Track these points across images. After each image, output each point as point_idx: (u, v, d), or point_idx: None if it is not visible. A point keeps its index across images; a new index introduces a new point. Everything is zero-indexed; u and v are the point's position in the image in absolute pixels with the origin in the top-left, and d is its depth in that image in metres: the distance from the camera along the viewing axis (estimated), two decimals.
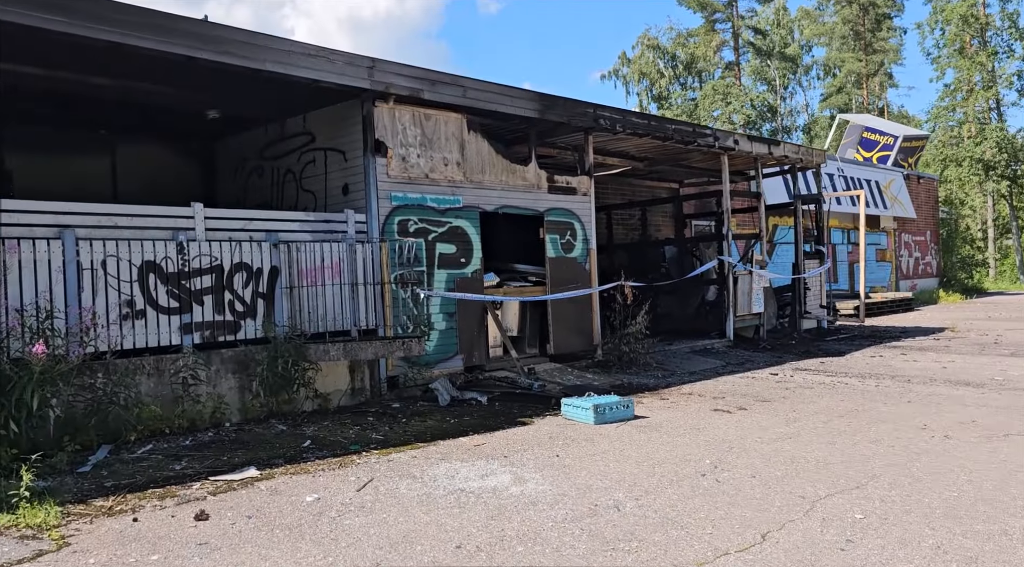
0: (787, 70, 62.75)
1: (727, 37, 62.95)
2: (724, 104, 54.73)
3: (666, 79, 58.56)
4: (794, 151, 14.84)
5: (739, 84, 59.80)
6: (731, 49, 63.02)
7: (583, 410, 7.35)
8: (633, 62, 58.99)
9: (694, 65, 60.35)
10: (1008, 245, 46.29)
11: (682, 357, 11.62)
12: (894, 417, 7.23)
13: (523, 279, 10.64)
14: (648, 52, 59.03)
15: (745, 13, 62.68)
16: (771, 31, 61.13)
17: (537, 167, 10.22)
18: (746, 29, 62.03)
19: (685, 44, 60.93)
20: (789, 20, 61.90)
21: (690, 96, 59.59)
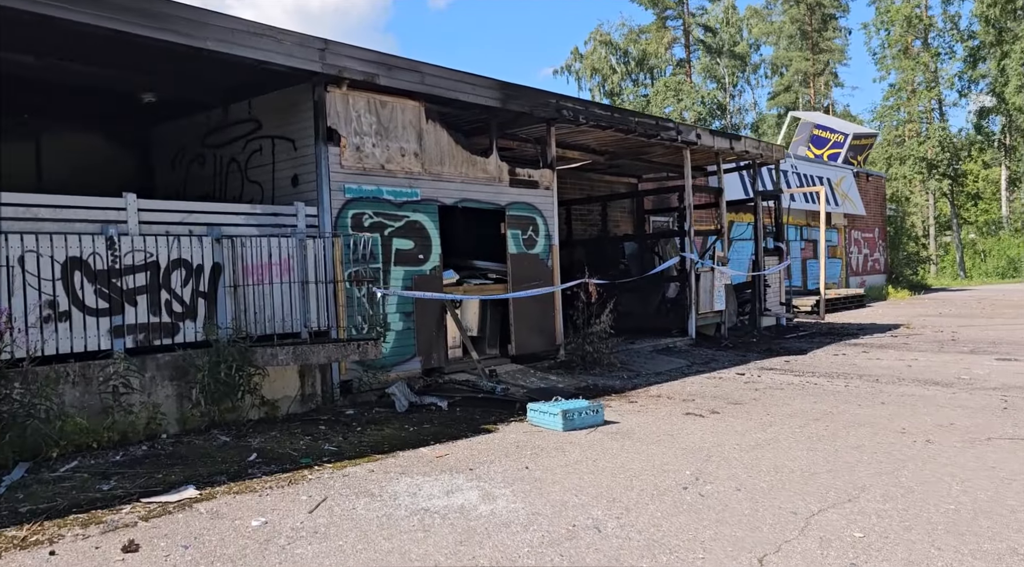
0: (736, 68, 63.49)
1: (678, 34, 63.39)
2: (676, 101, 55.03)
3: (618, 75, 58.64)
4: (754, 146, 14.69)
5: (690, 81, 60.27)
6: (682, 46, 63.50)
7: (551, 416, 6.94)
8: (585, 58, 58.92)
9: (646, 62, 60.59)
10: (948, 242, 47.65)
11: (646, 356, 11.32)
12: (871, 420, 7.00)
13: (483, 276, 10.18)
14: (600, 48, 59.04)
15: (696, 11, 63.19)
16: (721, 29, 61.76)
17: (499, 159, 9.77)
18: (697, 27, 62.55)
19: (637, 40, 61.14)
20: (738, 19, 62.60)
21: (642, 92, 59.80)
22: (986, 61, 44.07)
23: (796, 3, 60.66)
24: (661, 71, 61.88)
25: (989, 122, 46.19)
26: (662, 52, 60.95)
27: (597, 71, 57.91)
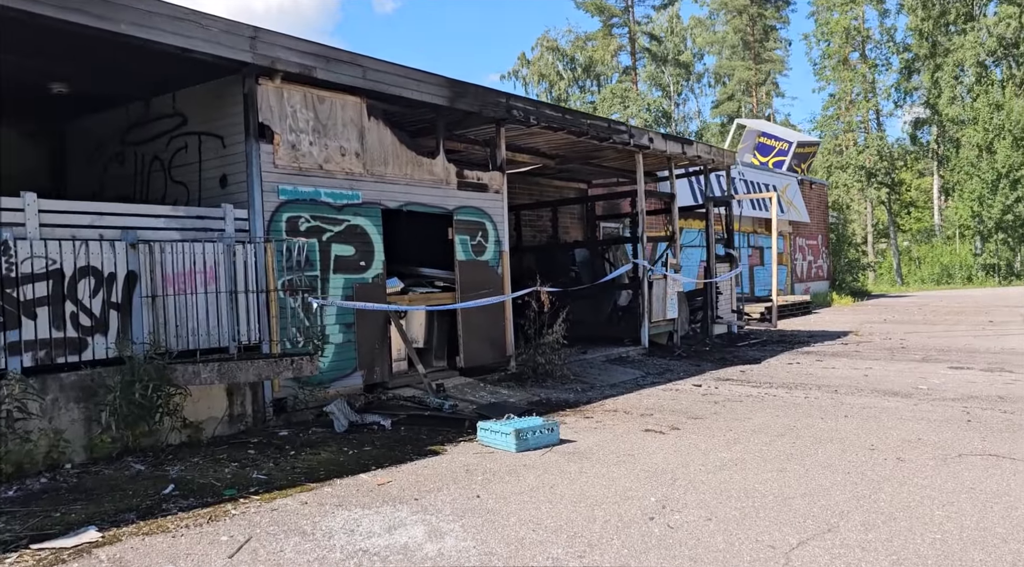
0: (681, 77, 64.25)
1: (624, 42, 63.87)
2: (622, 108, 55.32)
3: (565, 81, 58.68)
4: (706, 151, 14.49)
5: (636, 89, 60.73)
6: (628, 54, 63.98)
7: (503, 436, 6.44)
8: (532, 63, 58.81)
9: (592, 68, 60.83)
10: (884, 249, 48.90)
11: (599, 367, 10.91)
12: (837, 436, 6.70)
13: (430, 285, 9.63)
14: (547, 54, 59.02)
15: (641, 19, 63.79)
16: (666, 38, 62.41)
17: (446, 161, 9.24)
18: (642, 35, 63.12)
19: (584, 47, 61.36)
20: (682, 28, 63.37)
21: (589, 99, 59.98)
22: (920, 73, 45.42)
23: (738, 14, 61.78)
24: (607, 78, 62.24)
25: (923, 132, 47.62)
26: (608, 59, 61.30)
27: (544, 77, 57.84)
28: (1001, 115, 37.33)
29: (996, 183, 36.71)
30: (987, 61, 42.77)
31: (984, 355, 11.68)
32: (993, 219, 36.95)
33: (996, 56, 42.43)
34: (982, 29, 42.28)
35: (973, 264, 40.52)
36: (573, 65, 59.51)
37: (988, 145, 37.22)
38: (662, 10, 62.86)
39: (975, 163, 37.80)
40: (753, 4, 61.38)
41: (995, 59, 42.80)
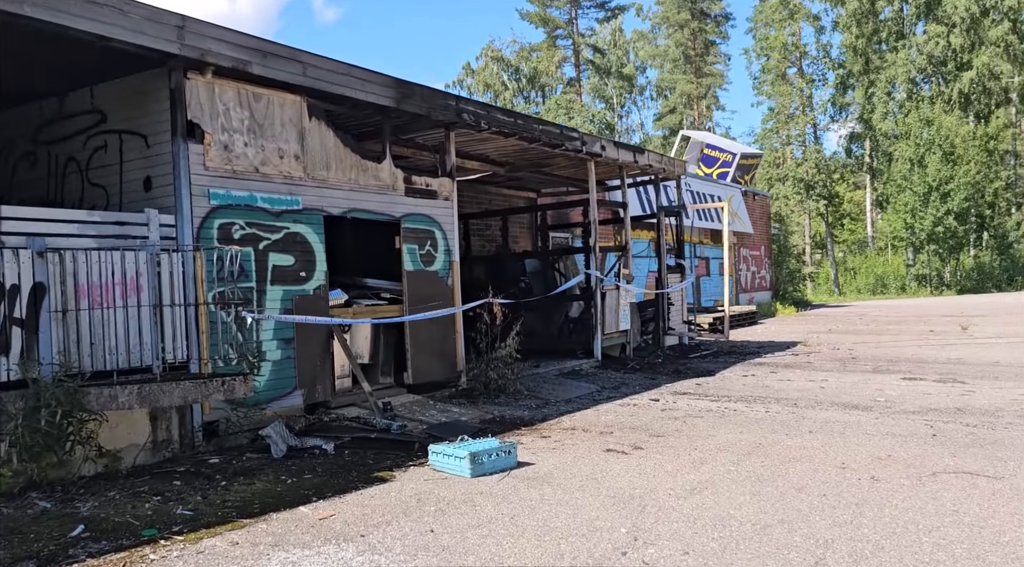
0: (624, 89, 64.91)
1: (568, 54, 64.27)
2: (567, 118, 55.46)
3: (510, 91, 58.58)
4: (657, 160, 14.31)
5: (580, 100, 61.06)
6: (572, 65, 64.38)
7: (456, 460, 5.96)
8: (477, 73, 58.58)
9: (537, 79, 60.92)
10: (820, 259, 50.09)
11: (552, 382, 10.51)
12: (806, 453, 6.42)
13: (376, 296, 9.09)
14: (492, 64, 58.88)
15: (585, 31, 64.33)
16: (609, 51, 62.99)
17: (393, 165, 8.74)
18: (586, 47, 63.59)
19: (528, 58, 61.46)
20: (625, 41, 64.08)
21: (534, 110, 59.99)
22: (854, 89, 46.78)
23: (680, 28, 62.81)
24: (552, 89, 62.42)
25: (857, 146, 49.04)
26: (553, 70, 61.54)
27: (489, 87, 57.63)
28: (931, 130, 38.62)
29: (927, 196, 37.90)
30: (917, 78, 44.31)
31: (933, 365, 11.71)
32: (925, 231, 38.12)
33: (926, 73, 43.99)
34: (912, 47, 43.80)
35: (906, 275, 41.75)
36: (518, 75, 59.49)
37: (919, 159, 38.43)
38: (605, 23, 63.53)
39: (907, 176, 38.98)
40: (694, 19, 62.52)
41: (925, 76, 44.37)
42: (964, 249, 41.64)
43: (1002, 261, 42.06)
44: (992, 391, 9.21)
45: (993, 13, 42.20)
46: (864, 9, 44.66)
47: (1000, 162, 44.39)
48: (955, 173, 37.49)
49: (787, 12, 48.80)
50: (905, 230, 39.29)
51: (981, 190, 40.07)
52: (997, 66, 41.70)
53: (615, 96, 64.83)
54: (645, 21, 66.84)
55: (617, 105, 65.56)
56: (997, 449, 6.36)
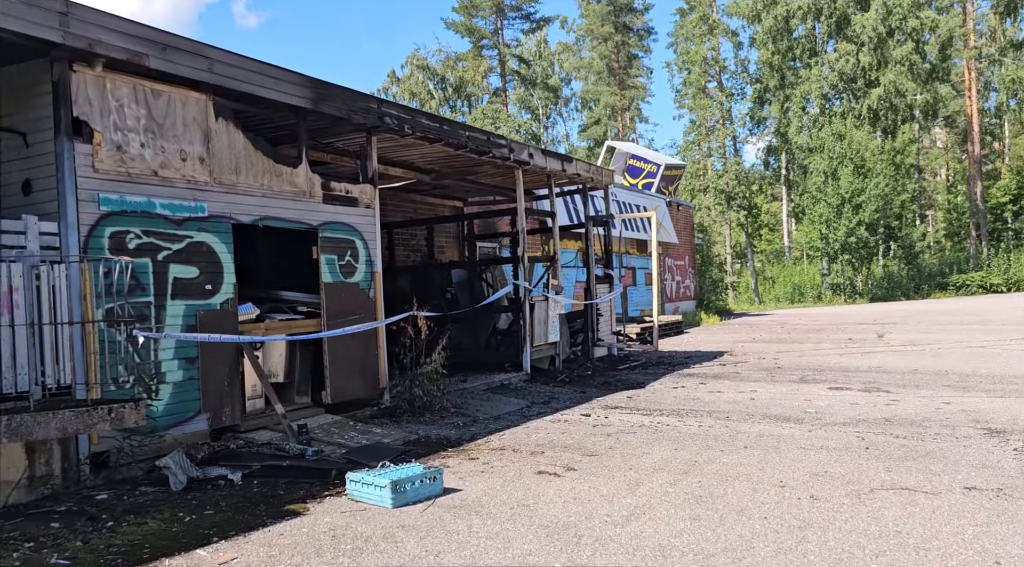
0: (549, 100, 65.33)
1: (494, 64, 64.31)
2: (493, 128, 55.36)
3: (436, 101, 58.07)
4: (585, 169, 14.14)
5: (506, 111, 61.12)
6: (498, 75, 64.44)
7: (377, 489, 5.48)
8: (403, 82, 57.92)
9: (463, 89, 60.64)
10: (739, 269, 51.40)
11: (480, 397, 10.10)
12: (743, 471, 6.21)
13: (292, 310, 8.50)
14: (418, 72, 58.30)
15: (511, 42, 64.49)
16: (534, 62, 63.29)
17: (309, 170, 8.19)
18: (511, 58, 63.75)
19: (454, 67, 61.18)
20: (550, 53, 64.53)
21: (460, 119, 59.67)
22: (771, 103, 48.27)
23: (603, 41, 63.69)
24: (478, 99, 62.27)
25: (774, 159, 50.60)
26: (479, 80, 61.39)
27: (415, 95, 57.00)
28: (843, 144, 40.11)
29: (840, 208, 39.29)
30: (829, 94, 46.05)
31: (856, 374, 11.85)
32: (838, 241, 39.49)
33: (837, 89, 45.76)
34: (824, 64, 45.51)
35: (821, 283, 43.17)
36: (444, 85, 59.07)
37: (833, 172, 39.84)
38: (531, 34, 63.85)
39: (821, 189, 40.34)
40: (617, 32, 63.52)
41: (836, 92, 46.16)
42: (874, 259, 43.37)
43: (909, 270, 44.00)
44: (916, 400, 9.30)
45: (898, 33, 44.26)
46: (779, 27, 46.17)
47: (906, 175, 46.54)
48: (866, 185, 39.01)
49: (707, 27, 50.06)
50: (820, 240, 40.62)
51: (889, 202, 41.83)
52: (902, 84, 43.70)
53: (541, 107, 65.17)
54: (570, 33, 67.51)
55: (543, 116, 65.92)
56: (930, 462, 6.29)
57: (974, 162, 46.08)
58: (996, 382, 10.48)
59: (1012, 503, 5.13)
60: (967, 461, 6.29)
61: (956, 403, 8.98)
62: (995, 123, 54.11)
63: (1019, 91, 47.75)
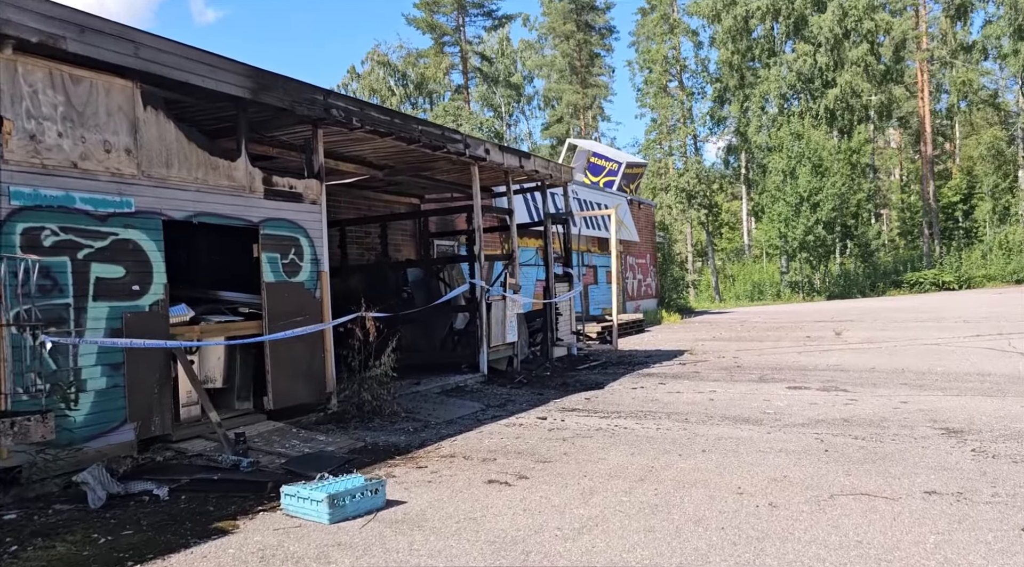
0: (512, 98, 65.13)
1: (456, 61, 63.86)
2: (455, 126, 54.93)
3: (397, 97, 57.45)
4: (544, 166, 13.87)
5: (468, 108, 60.70)
6: (460, 73, 64.02)
7: (313, 503, 5.12)
8: (363, 78, 57.18)
9: (425, 85, 60.13)
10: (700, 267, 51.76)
11: (434, 401, 9.77)
12: (700, 477, 5.98)
13: (232, 312, 8.07)
14: (378, 69, 57.61)
15: (473, 39, 64.14)
16: (497, 59, 63.02)
17: (250, 164, 7.77)
18: (473, 55, 63.38)
19: (416, 64, 60.64)
20: (513, 50, 64.31)
21: (421, 116, 59.08)
22: (731, 103, 48.66)
23: (566, 39, 63.65)
24: (440, 96, 61.79)
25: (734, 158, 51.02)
26: (440, 77, 60.93)
27: (375, 92, 56.31)
28: (801, 144, 40.55)
29: (799, 206, 39.72)
30: (788, 94, 46.57)
31: (815, 373, 11.77)
32: (797, 240, 39.93)
33: (795, 89, 46.29)
34: (783, 65, 46.00)
35: (780, 281, 43.64)
36: (405, 81, 58.47)
37: (791, 171, 40.25)
38: (493, 31, 63.56)
39: (780, 188, 40.75)
40: (579, 31, 63.53)
41: (794, 92, 46.70)
42: (832, 257, 43.98)
43: (865, 268, 44.72)
44: (874, 399, 9.21)
45: (853, 35, 44.93)
46: (738, 27, 46.56)
47: (862, 175, 47.28)
48: (823, 185, 39.49)
49: (667, 27, 50.26)
50: (779, 239, 41.04)
51: (846, 201, 42.43)
52: (858, 85, 44.38)
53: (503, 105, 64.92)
54: (532, 31, 67.53)
55: (505, 114, 65.70)
56: (889, 465, 6.14)
57: (926, 162, 47.02)
58: (951, 380, 10.47)
59: (972, 508, 4.98)
60: (926, 463, 6.15)
61: (913, 402, 8.91)
62: (946, 124, 55.35)
63: (969, 93, 48.91)
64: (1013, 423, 7.56)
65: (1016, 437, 6.94)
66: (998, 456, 6.28)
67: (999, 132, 51.15)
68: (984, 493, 5.29)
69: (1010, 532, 4.52)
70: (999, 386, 9.80)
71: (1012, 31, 44.85)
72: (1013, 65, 45.64)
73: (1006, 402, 8.70)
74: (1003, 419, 7.77)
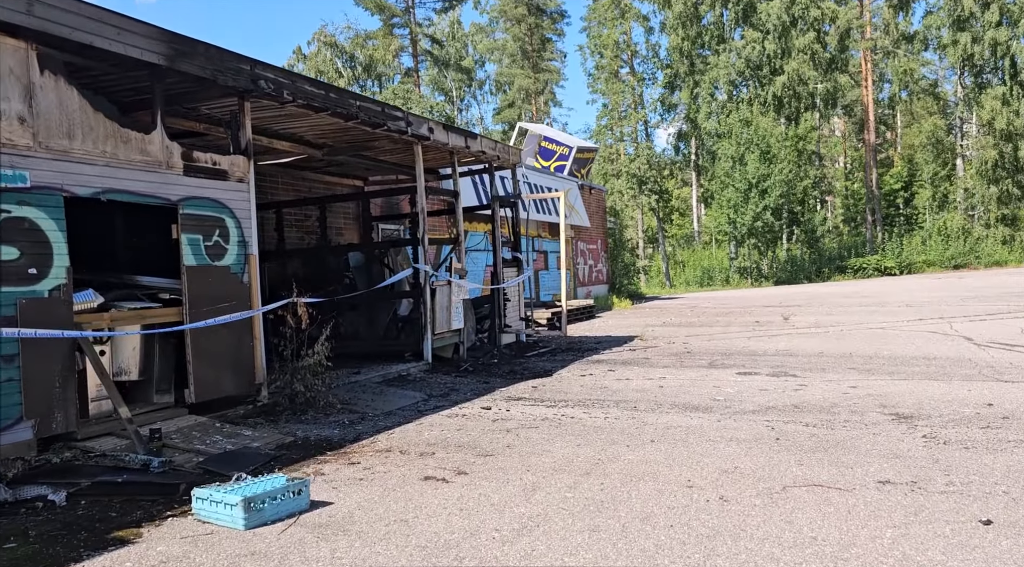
0: (463, 82, 64.32)
1: (406, 43, 62.68)
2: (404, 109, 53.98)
3: (345, 79, 56.11)
4: (491, 147, 13.43)
5: (418, 91, 59.68)
6: (410, 55, 62.88)
7: (227, 507, 4.65)
8: (309, 59, 55.70)
9: (373, 68, 58.87)
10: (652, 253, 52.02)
11: (373, 391, 9.31)
12: (649, 469, 5.68)
13: (149, 298, 7.47)
14: (325, 50, 56.16)
15: (423, 21, 63.03)
16: (447, 42, 62.08)
17: (166, 138, 7.16)
18: (423, 37, 62.29)
19: (364, 46, 59.26)
20: (464, 34, 63.45)
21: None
22: (681, 89, 48.79)
23: (517, 23, 63.03)
24: (389, 79, 60.60)
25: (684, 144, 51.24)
26: (390, 59, 59.72)
27: (322, 73, 54.80)
28: (750, 130, 40.86)
29: (747, 193, 40.07)
30: (737, 81, 46.88)
31: (764, 358, 11.65)
32: (745, 225, 40.30)
33: (744, 76, 46.61)
34: (732, 51, 46.25)
35: (729, 267, 44.07)
36: (353, 63, 57.15)
37: (740, 157, 40.55)
38: (443, 14, 62.56)
39: (729, 174, 41.04)
40: (531, 14, 62.96)
41: (743, 79, 47.03)
42: (779, 243, 44.56)
43: (811, 254, 45.44)
44: (823, 384, 9.07)
45: (800, 23, 45.37)
46: (688, 13, 46.61)
47: (808, 162, 47.96)
48: (771, 171, 39.88)
49: (618, 11, 50.05)
50: (728, 225, 41.37)
51: (793, 187, 42.98)
52: (804, 73, 44.87)
53: (455, 89, 64.06)
54: (483, 15, 66.59)
55: (457, 98, 64.85)
56: (841, 453, 5.93)
57: (869, 150, 47.91)
58: (898, 364, 10.43)
59: (927, 499, 4.78)
60: (878, 451, 5.96)
61: (862, 387, 8.79)
62: (889, 113, 56.50)
63: (910, 83, 49.94)
64: (961, 407, 7.46)
65: (965, 422, 6.83)
66: (949, 442, 6.13)
67: (938, 121, 52.42)
68: (938, 482, 5.10)
69: (967, 524, 4.31)
70: (944, 369, 9.78)
71: (951, 22, 45.85)
72: (952, 55, 46.71)
73: (952, 386, 8.64)
74: (951, 403, 7.68)
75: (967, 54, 45.47)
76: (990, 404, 7.55)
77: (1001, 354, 10.89)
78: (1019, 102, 44.58)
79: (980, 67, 46.73)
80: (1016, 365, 9.86)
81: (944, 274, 40.17)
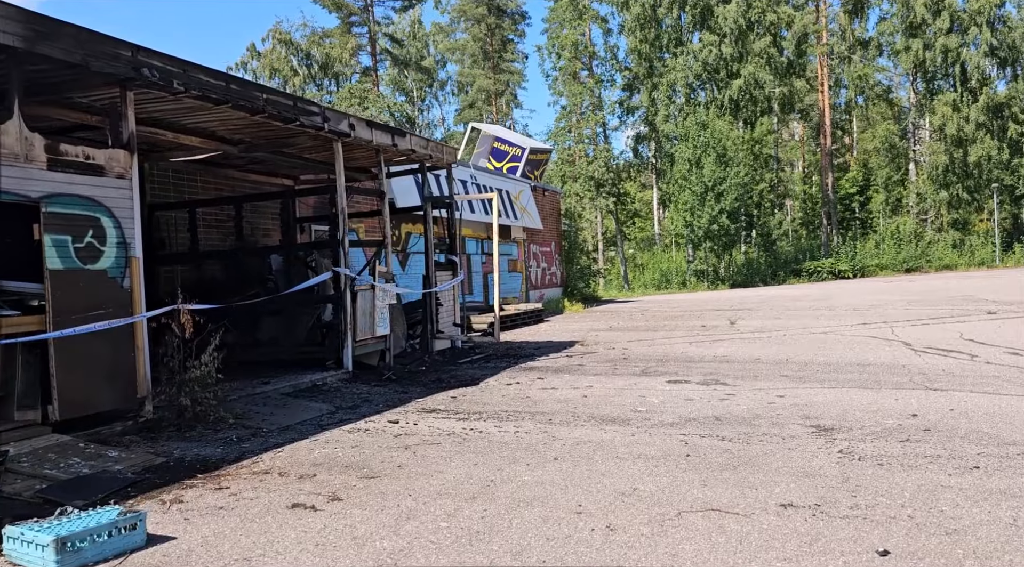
0: (424, 83, 63.60)
1: (364, 42, 61.82)
2: (362, 109, 53.07)
3: (300, 78, 55.05)
4: (422, 145, 12.89)
5: (377, 90, 58.84)
6: (368, 54, 62.02)
7: (38, 548, 4.06)
8: (264, 56, 54.49)
9: (330, 66, 57.88)
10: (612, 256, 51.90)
11: (276, 403, 8.71)
12: (541, 492, 5.20)
13: (17, 304, 6.81)
14: (280, 47, 55.01)
15: (382, 20, 62.23)
16: (407, 42, 61.31)
17: (26, 129, 6.50)
18: (383, 36, 61.46)
19: (321, 44, 58.23)
20: (424, 33, 62.73)
21: (327, 98, 56.88)
22: (640, 91, 48.71)
23: (477, 23, 62.58)
24: (347, 78, 59.65)
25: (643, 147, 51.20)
26: (347, 58, 58.77)
27: (277, 71, 53.75)
28: (706, 133, 40.85)
29: (704, 195, 40.05)
30: (694, 83, 46.92)
31: (699, 364, 11.29)
32: (702, 228, 40.27)
33: (702, 79, 46.67)
34: (690, 54, 46.29)
35: (687, 270, 44.04)
36: (309, 61, 56.06)
37: (697, 160, 40.52)
38: (403, 12, 61.78)
39: (687, 177, 40.98)
40: (491, 15, 62.56)
41: (701, 82, 47.09)
42: (736, 246, 44.65)
43: (767, 257, 45.64)
44: (751, 393, 8.71)
45: (757, 27, 45.57)
46: (647, 15, 46.54)
47: (764, 165, 48.21)
48: (728, 174, 39.91)
49: (576, 12, 49.84)
50: (685, 227, 41.32)
51: (749, 191, 43.10)
52: (761, 76, 45.06)
53: (415, 89, 63.31)
54: (443, 14, 66.01)
55: (418, 98, 64.10)
56: (750, 472, 5.52)
57: (825, 154, 48.29)
58: (831, 371, 10.13)
59: (827, 525, 4.37)
60: (789, 468, 5.56)
61: (790, 396, 8.44)
62: (845, 118, 57.09)
63: (865, 88, 50.51)
64: (884, 418, 7.13)
65: (885, 435, 6.48)
66: (864, 458, 5.76)
67: (892, 126, 53.11)
68: (842, 505, 4.70)
69: (863, 556, 3.91)
70: (876, 377, 9.49)
71: (904, 28, 46.45)
72: (904, 62, 47.33)
73: (880, 395, 8.33)
74: (875, 413, 7.35)
75: (919, 60, 46.10)
76: (914, 414, 7.23)
77: (936, 360, 10.66)
78: (969, 108, 45.30)
79: (932, 73, 47.42)
80: (948, 372, 9.62)
81: (896, 277, 40.58)
